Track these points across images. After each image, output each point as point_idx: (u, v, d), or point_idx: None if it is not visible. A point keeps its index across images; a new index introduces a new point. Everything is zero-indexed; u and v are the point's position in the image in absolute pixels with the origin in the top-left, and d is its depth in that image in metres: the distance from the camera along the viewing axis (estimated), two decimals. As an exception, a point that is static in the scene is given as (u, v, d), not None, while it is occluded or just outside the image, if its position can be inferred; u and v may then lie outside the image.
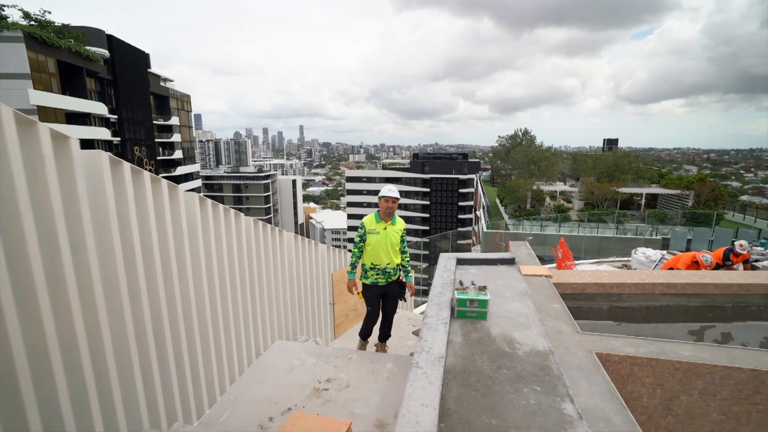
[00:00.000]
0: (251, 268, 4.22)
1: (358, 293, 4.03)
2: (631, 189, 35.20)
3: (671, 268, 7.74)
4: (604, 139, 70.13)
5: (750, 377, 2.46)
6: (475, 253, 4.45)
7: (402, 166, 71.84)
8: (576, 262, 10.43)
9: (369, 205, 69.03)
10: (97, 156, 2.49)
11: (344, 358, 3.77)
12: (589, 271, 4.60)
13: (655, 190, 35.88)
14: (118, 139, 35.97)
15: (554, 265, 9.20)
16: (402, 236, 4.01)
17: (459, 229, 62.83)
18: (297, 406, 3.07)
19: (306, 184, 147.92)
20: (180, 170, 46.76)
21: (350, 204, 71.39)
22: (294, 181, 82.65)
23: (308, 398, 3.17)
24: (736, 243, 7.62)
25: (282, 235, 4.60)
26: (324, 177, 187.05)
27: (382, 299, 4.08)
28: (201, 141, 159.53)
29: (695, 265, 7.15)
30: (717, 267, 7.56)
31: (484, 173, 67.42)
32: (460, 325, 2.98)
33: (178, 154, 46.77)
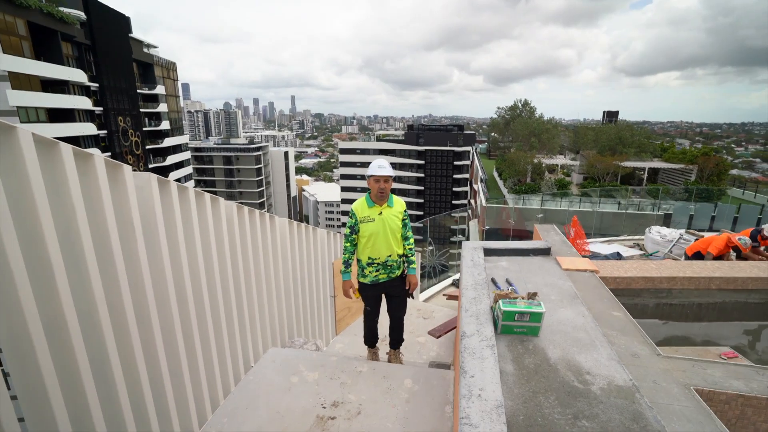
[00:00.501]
0: (237, 263, 3.50)
1: (355, 294, 3.34)
2: (634, 163, 34.48)
3: (698, 252, 7.16)
4: (604, 112, 68.76)
5: None
6: (504, 242, 3.77)
7: (396, 138, 70.40)
8: (588, 240, 9.88)
9: (363, 177, 67.92)
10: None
11: (352, 373, 3.14)
12: (635, 263, 3.97)
13: (657, 164, 35.20)
14: (100, 108, 34.22)
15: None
16: (404, 219, 3.26)
17: (456, 205, 62.39)
18: (297, 444, 2.44)
19: (298, 156, 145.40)
20: (168, 142, 45.13)
21: (344, 176, 70.25)
22: (286, 153, 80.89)
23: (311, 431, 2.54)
24: (765, 226, 7.06)
25: (274, 222, 3.87)
26: (316, 149, 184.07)
27: (386, 299, 3.41)
28: (189, 111, 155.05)
29: (729, 248, 6.57)
30: (739, 249, 7.02)
31: (480, 145, 66.34)
32: (507, 344, 2.33)
33: (165, 125, 45.02)
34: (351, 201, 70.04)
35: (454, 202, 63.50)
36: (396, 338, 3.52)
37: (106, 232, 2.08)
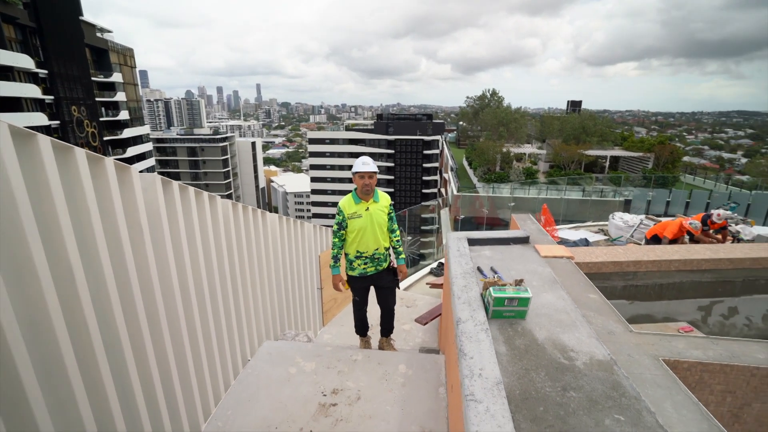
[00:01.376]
0: (234, 259, 3.54)
1: (345, 287, 3.46)
2: (596, 151, 36.14)
3: (656, 235, 7.71)
4: (568, 101, 71.24)
5: (831, 380, 2.19)
6: (487, 232, 3.97)
7: (365, 128, 70.09)
8: (556, 227, 10.37)
9: (333, 167, 67.50)
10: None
11: (348, 361, 3.26)
12: (605, 250, 4.29)
13: (618, 152, 37.07)
14: (51, 97, 32.06)
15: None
16: (390, 213, 3.42)
17: (426, 194, 63.02)
18: (303, 430, 2.55)
19: (266, 146, 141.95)
20: (127, 133, 42.96)
21: (313, 167, 69.41)
22: (253, 144, 78.92)
23: (315, 418, 2.66)
24: (714, 212, 7.67)
25: (265, 217, 3.90)
26: (284, 138, 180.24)
27: (375, 290, 3.55)
28: (149, 100, 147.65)
29: (683, 232, 7.13)
30: (691, 233, 7.62)
31: (449, 135, 67.13)
32: (498, 327, 2.52)
33: (124, 115, 42.79)
34: (321, 191, 69.45)
35: (424, 191, 64.24)
36: (387, 327, 3.67)
37: (117, 234, 2.08)
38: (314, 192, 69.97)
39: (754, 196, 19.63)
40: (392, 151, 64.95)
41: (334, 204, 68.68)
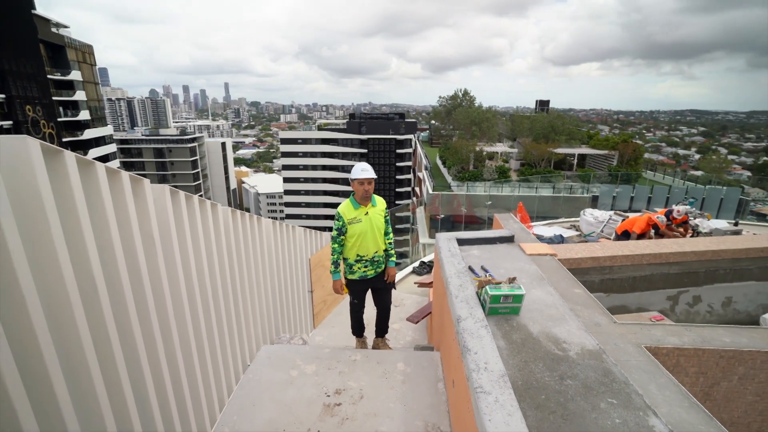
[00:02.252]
0: (233, 265, 3.55)
1: (344, 290, 3.55)
2: (565, 149, 37.55)
3: (626, 230, 8.18)
4: (537, 101, 73.51)
5: (787, 359, 2.46)
6: (474, 232, 4.15)
7: (338, 127, 69.77)
8: (531, 224, 10.74)
9: (306, 167, 66.84)
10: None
11: (348, 362, 3.35)
12: (584, 246, 4.55)
13: (585, 150, 38.65)
14: (2, 96, 30.20)
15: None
16: (386, 216, 3.54)
17: (400, 193, 63.38)
18: (311, 431, 2.62)
19: (236, 147, 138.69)
20: (88, 134, 41.01)
21: (286, 167, 68.45)
22: (223, 144, 77.06)
23: (321, 419, 2.74)
24: (674, 208, 8.19)
25: (261, 223, 3.92)
26: (255, 138, 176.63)
27: (372, 292, 3.66)
28: (110, 100, 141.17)
29: (649, 226, 7.60)
30: (657, 227, 8.14)
31: (421, 134, 67.86)
32: (495, 323, 2.68)
33: (84, 115, 40.80)
34: (294, 192, 68.57)
35: (398, 189, 64.64)
36: (382, 327, 3.78)
37: (133, 246, 2.08)
38: (287, 192, 69.07)
39: (708, 191, 21.00)
40: (365, 151, 64.98)
41: (308, 204, 68.09)
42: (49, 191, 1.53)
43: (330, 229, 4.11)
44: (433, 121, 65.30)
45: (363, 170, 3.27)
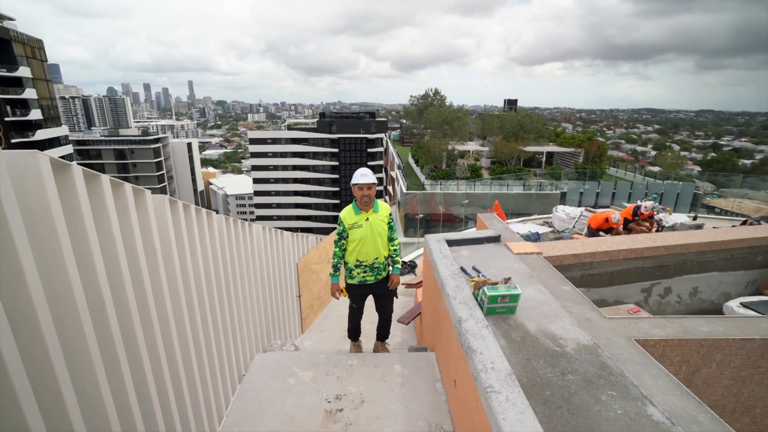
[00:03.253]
0: (228, 273, 3.47)
1: (343, 293, 3.56)
2: (534, 148, 38.74)
3: (589, 226, 8.58)
4: (505, 100, 75.37)
5: (759, 345, 2.68)
6: (462, 233, 4.24)
7: (308, 126, 68.94)
8: (507, 222, 11.04)
9: (276, 167, 65.71)
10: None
11: (345, 367, 3.35)
12: (565, 243, 4.73)
13: (552, 148, 40.02)
14: (-57, 95, 28.00)
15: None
16: (389, 223, 3.58)
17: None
18: (317, 438, 2.61)
19: (202, 147, 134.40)
20: (41, 134, 38.63)
21: (255, 167, 66.98)
22: (189, 145, 74.54)
23: (324, 425, 2.73)
24: (642, 204, 8.66)
25: (252, 229, 3.84)
26: (221, 138, 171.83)
27: (374, 298, 3.68)
28: (63, 98, 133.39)
29: (606, 223, 8.03)
30: (627, 222, 8.58)
31: (392, 133, 68.14)
32: (493, 323, 2.75)
33: (35, 114, 38.42)
34: (265, 193, 67.31)
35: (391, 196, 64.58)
36: (384, 332, 3.80)
37: (136, 256, 1.99)
38: (257, 193, 67.63)
39: (666, 186, 22.25)
40: (336, 150, 64.56)
41: (279, 205, 66.99)
42: (59, 204, 1.48)
43: (302, 230, 4.13)
44: (403, 120, 65.73)
45: (363, 175, 3.29)
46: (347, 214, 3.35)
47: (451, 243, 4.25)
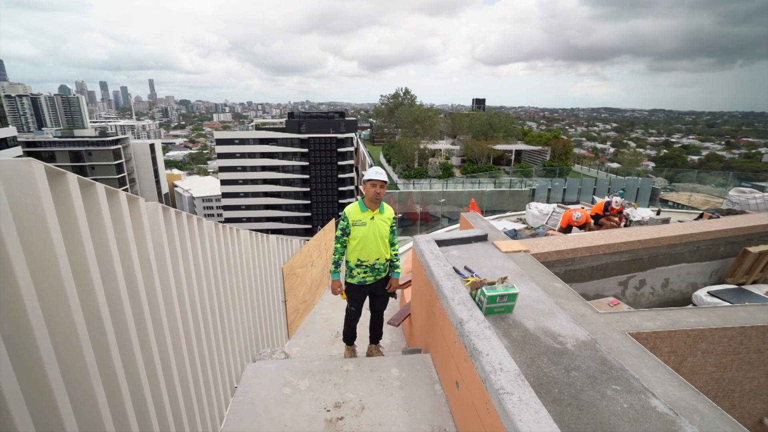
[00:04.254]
0: (219, 281, 3.32)
1: (342, 295, 3.51)
2: (503, 146, 39.73)
3: (560, 225, 8.90)
4: (473, 99, 76.82)
5: (738, 333, 2.83)
6: (451, 233, 4.27)
7: (277, 126, 67.64)
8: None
9: (244, 168, 64.14)
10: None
11: (341, 373, 3.29)
12: (549, 240, 4.85)
13: (521, 146, 41.19)
14: None
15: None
16: (392, 226, 3.56)
17: (343, 192, 63.07)
18: (320, 448, 2.54)
19: (165, 148, 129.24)
20: (-14, 136, 35.99)
21: (223, 169, 65.05)
22: (152, 146, 71.49)
23: (327, 434, 2.66)
24: (612, 200, 9.04)
25: (240, 235, 3.68)
26: (186, 139, 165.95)
27: (369, 297, 3.64)
28: (9, 96, 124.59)
29: (572, 221, 8.37)
30: (597, 217, 8.94)
31: (363, 132, 67.98)
32: (493, 323, 2.77)
33: (-21, 115, 35.70)
34: (233, 195, 65.68)
35: (340, 188, 64.19)
36: (376, 333, 3.76)
37: (132, 268, 1.85)
38: (225, 195, 65.75)
39: (627, 182, 23.35)
40: (306, 150, 63.68)
41: (248, 207, 65.41)
42: (54, 213, 1.38)
43: (273, 231, 4.06)
44: (372, 120, 65.78)
45: (377, 173, 3.28)
46: (353, 210, 3.31)
47: (440, 243, 4.26)
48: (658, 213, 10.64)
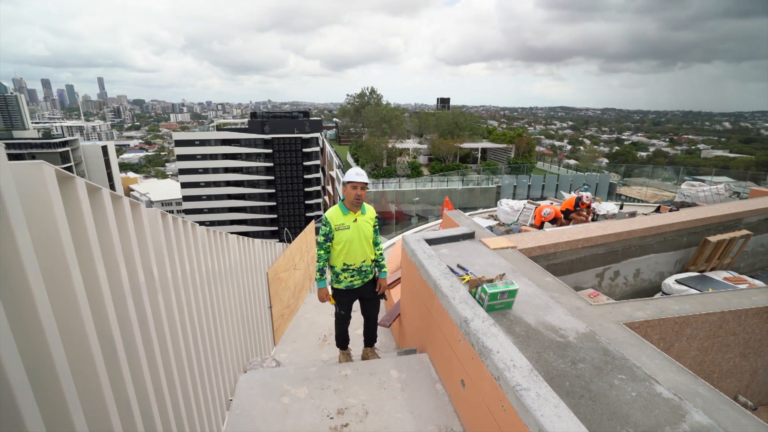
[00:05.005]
0: (212, 290, 3.15)
1: (330, 301, 3.42)
2: (469, 144, 40.58)
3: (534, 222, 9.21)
4: (438, 98, 77.88)
5: (718, 318, 3.01)
6: (440, 231, 4.28)
7: (239, 127, 65.72)
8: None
9: (206, 170, 61.90)
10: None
11: (339, 378, 3.22)
12: (531, 235, 4.96)
13: (486, 144, 42.25)
14: None
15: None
16: (375, 226, 3.50)
17: (309, 192, 62.20)
18: (329, 458, 2.47)
19: (119, 150, 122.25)
20: None
21: (183, 171, 62.39)
22: (104, 148, 67.51)
23: (333, 442, 2.59)
24: (583, 195, 9.43)
25: (228, 240, 3.50)
26: (141, 141, 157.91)
27: (360, 302, 3.58)
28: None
29: (541, 217, 8.72)
30: (568, 212, 9.31)
31: (328, 132, 67.38)
32: (495, 320, 2.79)
33: None
34: (194, 198, 63.26)
35: (306, 189, 63.30)
36: (371, 336, 3.70)
37: (136, 276, 1.70)
38: (186, 199, 63.13)
39: (587, 177, 24.49)
40: (270, 151, 62.31)
41: (211, 210, 63.17)
42: (63, 215, 1.28)
43: (238, 234, 3.94)
44: (336, 119, 65.31)
45: (357, 174, 3.18)
46: (334, 214, 3.21)
47: (429, 242, 4.27)
48: (622, 207, 11.20)
